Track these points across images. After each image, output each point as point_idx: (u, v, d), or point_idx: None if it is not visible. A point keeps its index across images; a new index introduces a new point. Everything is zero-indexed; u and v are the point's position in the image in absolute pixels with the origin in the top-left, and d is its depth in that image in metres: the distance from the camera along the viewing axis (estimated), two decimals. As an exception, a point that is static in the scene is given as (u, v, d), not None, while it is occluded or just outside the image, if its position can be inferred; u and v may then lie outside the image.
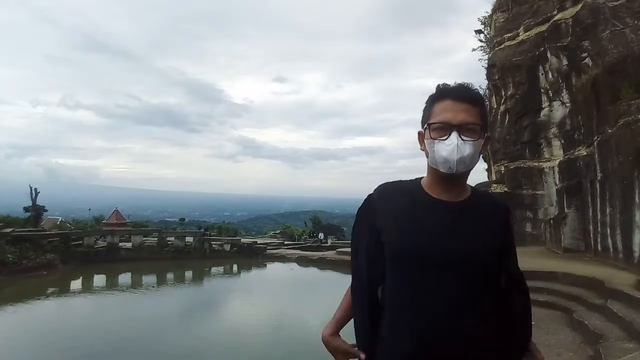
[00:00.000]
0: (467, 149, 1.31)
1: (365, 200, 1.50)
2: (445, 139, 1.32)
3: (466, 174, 1.39)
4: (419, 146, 1.44)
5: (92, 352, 8.81)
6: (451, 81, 1.43)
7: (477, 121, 1.34)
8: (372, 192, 1.50)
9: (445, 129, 1.33)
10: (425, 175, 1.46)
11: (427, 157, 1.40)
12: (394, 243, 1.36)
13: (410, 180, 1.48)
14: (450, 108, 1.33)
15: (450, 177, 1.36)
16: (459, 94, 1.36)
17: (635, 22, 12.37)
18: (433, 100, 1.40)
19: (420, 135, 1.43)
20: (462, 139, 1.31)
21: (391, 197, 1.44)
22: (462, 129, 1.32)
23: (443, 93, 1.38)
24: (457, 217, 1.37)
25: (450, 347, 1.28)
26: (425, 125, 1.39)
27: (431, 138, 1.36)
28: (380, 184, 1.52)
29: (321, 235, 32.56)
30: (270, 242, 27.40)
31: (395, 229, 1.37)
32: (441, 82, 1.43)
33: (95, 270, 18.71)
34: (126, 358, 8.80)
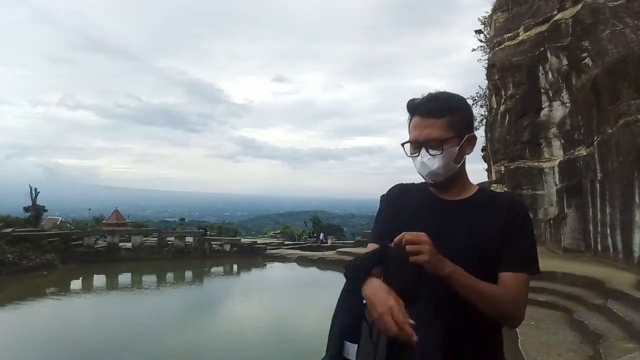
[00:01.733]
0: (435, 163, 1.39)
1: (387, 193, 1.59)
2: (417, 156, 1.42)
3: (451, 178, 1.44)
4: None
5: (92, 352, 8.81)
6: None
7: (441, 135, 1.39)
8: (392, 187, 1.60)
9: (415, 146, 1.43)
10: None
11: None
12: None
13: (423, 183, 1.55)
14: (418, 125, 1.42)
15: (437, 184, 1.45)
16: (422, 110, 1.42)
17: (635, 22, 12.37)
18: (409, 115, 1.48)
19: None
20: (430, 154, 1.39)
21: (406, 194, 1.54)
22: (428, 144, 1.39)
23: (412, 109, 1.46)
24: (455, 213, 1.41)
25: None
26: (402, 143, 1.49)
27: (409, 155, 1.46)
28: (395, 184, 1.62)
29: (321, 236, 32.54)
30: (270, 242, 27.41)
31: (402, 227, 1.40)
32: (411, 98, 1.49)
33: (95, 270, 18.71)
34: (126, 358, 8.80)
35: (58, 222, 38.34)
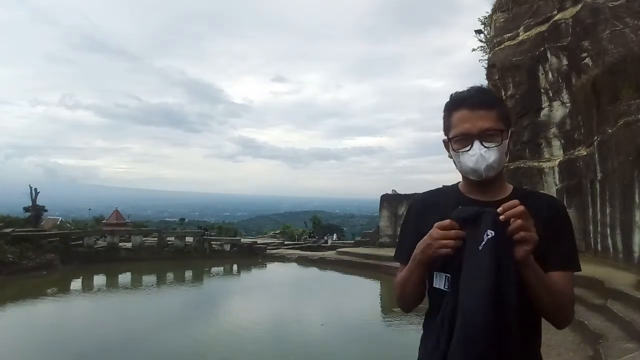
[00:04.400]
0: (492, 155, 1.33)
1: (410, 205, 1.58)
2: (469, 150, 1.34)
3: (498, 175, 1.40)
4: (447, 154, 1.47)
5: (92, 352, 8.80)
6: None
7: (497, 125, 1.34)
8: (415, 198, 1.58)
9: (466, 139, 1.34)
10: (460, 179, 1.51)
11: (456, 166, 1.42)
12: None
13: (449, 186, 1.53)
14: (468, 118, 1.34)
15: (482, 182, 1.38)
16: (473, 101, 1.36)
17: (635, 22, 12.38)
18: (449, 109, 1.41)
19: (446, 143, 1.45)
20: (485, 147, 1.32)
21: (430, 204, 1.49)
22: (483, 137, 1.33)
23: (457, 102, 1.39)
24: None
25: None
26: (448, 138, 1.42)
27: (454, 150, 1.38)
28: (421, 192, 1.59)
29: (335, 236, 32.32)
30: (270, 242, 27.40)
31: None
32: (455, 91, 1.44)
33: (95, 270, 18.69)
34: (126, 358, 8.80)
35: (58, 222, 38.33)
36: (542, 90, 16.06)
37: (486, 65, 19.98)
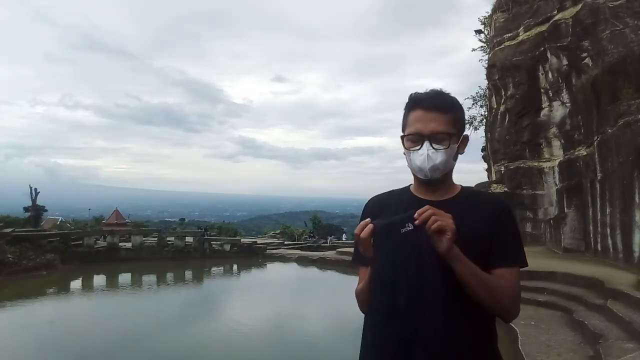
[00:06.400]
0: (439, 157, 1.39)
1: (366, 205, 1.60)
2: (418, 149, 1.41)
3: (444, 176, 1.45)
4: (403, 150, 1.51)
5: (92, 352, 8.80)
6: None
7: (447, 129, 1.40)
8: (367, 201, 1.60)
9: (417, 139, 1.41)
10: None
11: (408, 163, 1.48)
12: None
13: (402, 188, 1.58)
14: (421, 118, 1.41)
15: (429, 181, 1.44)
16: (428, 103, 1.42)
17: (635, 22, 12.39)
18: (408, 109, 1.47)
19: (402, 140, 1.50)
20: (433, 148, 1.39)
21: (383, 203, 1.54)
22: (432, 139, 1.39)
23: (415, 103, 1.45)
24: None
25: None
26: (401, 136, 1.48)
27: (406, 148, 1.44)
28: (373, 195, 1.61)
29: (344, 237, 32.52)
30: (270, 242, 27.40)
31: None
32: (414, 92, 1.49)
33: (95, 270, 18.69)
34: (126, 358, 8.80)
35: (58, 222, 38.36)
36: (542, 90, 16.08)
37: (486, 65, 20.01)
